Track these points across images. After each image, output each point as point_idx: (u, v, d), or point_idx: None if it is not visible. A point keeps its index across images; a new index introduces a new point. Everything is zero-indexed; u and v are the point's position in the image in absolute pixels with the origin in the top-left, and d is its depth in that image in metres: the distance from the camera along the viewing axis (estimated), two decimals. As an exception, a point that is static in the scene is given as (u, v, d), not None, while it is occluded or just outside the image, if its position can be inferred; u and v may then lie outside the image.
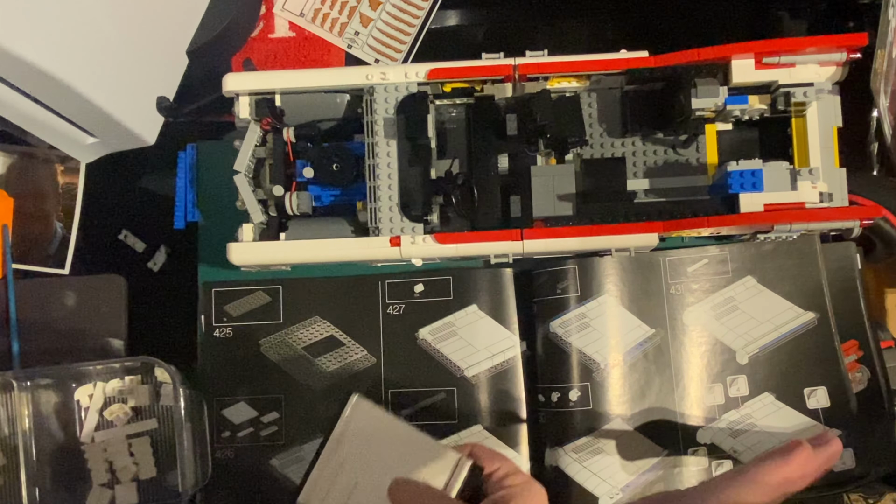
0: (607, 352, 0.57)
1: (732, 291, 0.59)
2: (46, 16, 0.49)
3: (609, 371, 0.57)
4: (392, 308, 0.60)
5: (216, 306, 0.61)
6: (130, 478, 0.59)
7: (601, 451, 0.56)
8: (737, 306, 0.58)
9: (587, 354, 0.57)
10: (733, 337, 0.58)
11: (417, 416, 0.58)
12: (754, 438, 0.57)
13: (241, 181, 0.56)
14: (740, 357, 0.58)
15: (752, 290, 0.58)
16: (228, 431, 0.59)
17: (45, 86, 0.51)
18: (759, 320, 0.58)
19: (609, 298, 0.58)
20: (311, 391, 0.60)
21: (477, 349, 0.59)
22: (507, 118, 0.55)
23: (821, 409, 0.57)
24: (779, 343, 0.58)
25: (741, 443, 0.57)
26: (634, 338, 0.58)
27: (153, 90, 0.61)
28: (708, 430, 0.57)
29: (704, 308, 0.58)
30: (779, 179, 0.52)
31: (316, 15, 0.67)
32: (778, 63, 0.53)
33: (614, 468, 0.56)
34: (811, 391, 0.57)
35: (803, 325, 0.58)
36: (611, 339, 0.58)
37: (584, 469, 0.56)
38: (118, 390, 0.60)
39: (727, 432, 0.57)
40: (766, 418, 0.57)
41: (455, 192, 0.54)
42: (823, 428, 0.56)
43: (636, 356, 0.58)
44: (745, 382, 0.57)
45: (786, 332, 0.58)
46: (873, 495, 0.57)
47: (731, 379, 0.58)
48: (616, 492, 0.56)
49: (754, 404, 0.57)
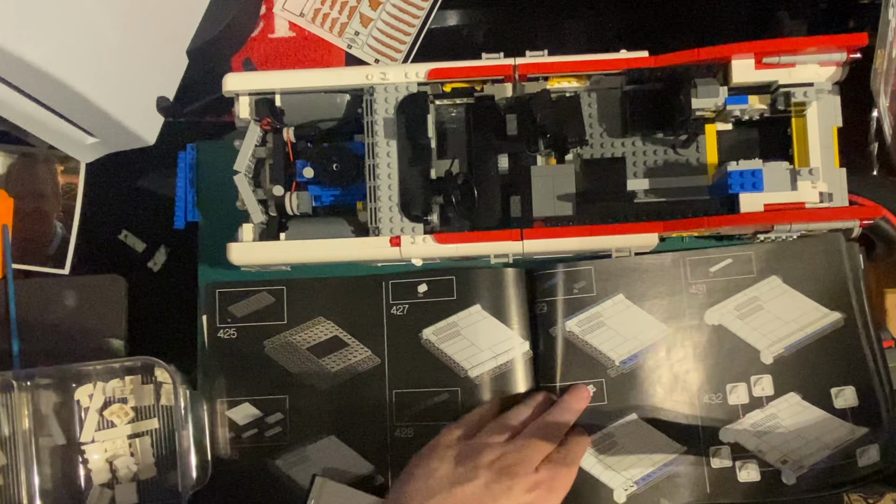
0: (623, 350, 0.58)
1: (757, 291, 0.58)
2: (46, 16, 0.49)
3: (625, 368, 0.57)
4: (396, 308, 0.60)
5: (220, 307, 0.61)
6: (130, 478, 0.60)
7: (616, 444, 0.57)
8: (761, 306, 0.58)
9: (603, 352, 0.58)
10: (757, 336, 0.58)
11: (421, 416, 0.58)
12: (780, 438, 0.56)
13: (241, 181, 0.56)
14: (765, 357, 0.58)
15: (776, 290, 0.58)
16: (233, 432, 0.59)
17: (45, 86, 0.51)
18: (784, 320, 0.58)
19: (625, 298, 0.58)
20: (315, 392, 0.60)
21: (480, 349, 0.59)
22: (507, 118, 0.55)
23: (849, 408, 0.56)
24: (804, 343, 0.57)
25: (766, 442, 0.56)
26: (651, 336, 0.58)
27: (153, 90, 0.61)
28: (731, 429, 0.57)
29: (728, 308, 0.58)
30: (779, 179, 0.52)
31: (316, 15, 0.67)
32: (778, 63, 0.53)
33: (629, 461, 0.57)
34: (839, 391, 0.57)
35: (830, 325, 0.57)
36: (627, 338, 0.58)
37: (599, 462, 0.57)
38: (118, 390, 0.60)
39: (751, 432, 0.57)
40: (792, 418, 0.57)
41: (455, 192, 0.54)
42: (851, 427, 0.56)
43: (653, 354, 0.58)
44: (769, 382, 0.57)
45: (811, 332, 0.58)
46: (873, 495, 0.57)
47: (755, 378, 0.57)
48: (630, 484, 0.56)
49: (780, 404, 0.57)
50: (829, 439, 0.56)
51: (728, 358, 0.58)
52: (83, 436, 0.60)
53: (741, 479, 0.56)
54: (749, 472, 0.56)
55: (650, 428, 0.57)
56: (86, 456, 0.60)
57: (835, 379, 0.57)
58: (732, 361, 0.58)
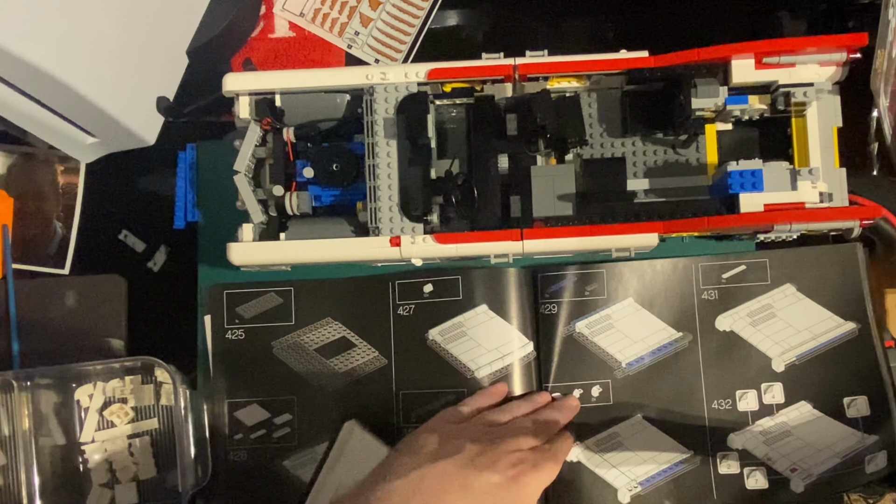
0: (631, 352, 0.58)
1: (770, 298, 0.58)
2: (47, 16, 0.49)
3: (630, 370, 0.58)
4: (402, 309, 0.60)
5: (228, 308, 0.61)
6: (130, 478, 0.59)
7: (621, 444, 0.57)
8: (774, 314, 0.58)
9: (611, 354, 0.58)
10: (769, 344, 0.58)
11: (428, 417, 0.58)
12: (790, 446, 0.56)
13: (241, 181, 0.56)
14: (776, 364, 0.58)
15: (791, 298, 0.58)
16: (241, 433, 0.59)
17: (45, 86, 0.51)
18: (797, 328, 0.58)
19: (635, 302, 0.58)
20: (323, 392, 0.60)
21: (486, 350, 0.59)
22: (507, 118, 0.55)
23: (861, 417, 0.56)
24: (818, 352, 0.57)
25: (776, 450, 0.56)
26: (659, 340, 0.58)
27: (153, 90, 0.61)
28: (740, 435, 0.57)
29: (740, 314, 0.58)
30: (779, 179, 0.52)
31: (316, 15, 0.67)
32: (778, 63, 0.53)
33: (634, 461, 0.57)
34: (851, 401, 0.57)
35: (844, 335, 0.57)
36: (635, 341, 0.58)
37: (604, 461, 0.57)
38: (118, 390, 0.60)
39: (761, 439, 0.57)
40: (802, 427, 0.56)
41: (455, 192, 0.54)
42: (862, 435, 0.56)
43: (661, 357, 0.58)
44: (780, 390, 0.57)
45: (825, 341, 0.57)
46: (873, 495, 0.57)
47: (765, 386, 0.57)
48: (635, 484, 0.56)
49: (790, 412, 0.57)
50: (839, 448, 0.56)
51: (738, 364, 0.58)
52: (83, 436, 0.60)
53: (749, 486, 0.56)
54: (757, 479, 0.56)
55: (655, 430, 0.57)
56: (86, 456, 0.60)
57: (848, 388, 0.57)
58: (743, 368, 0.58)
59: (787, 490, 0.56)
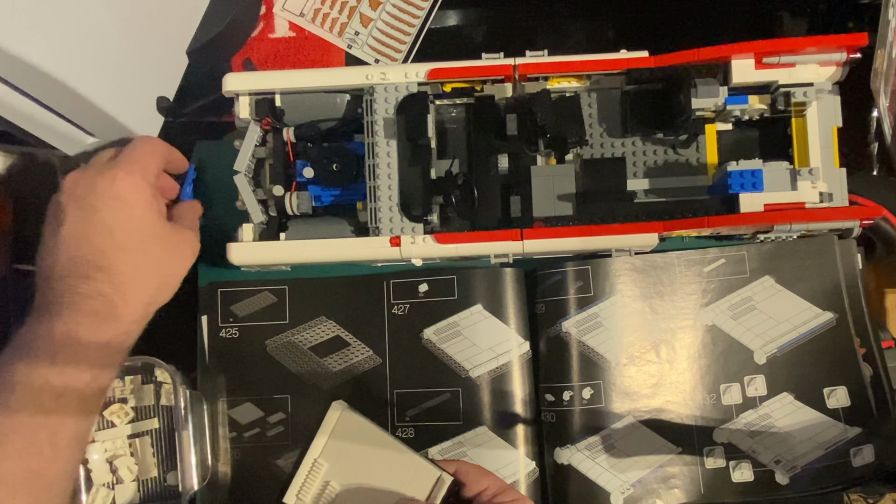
0: (620, 350, 0.58)
1: (750, 291, 0.58)
2: (46, 16, 0.49)
3: (621, 369, 0.57)
4: (397, 308, 0.60)
5: (222, 306, 0.61)
6: (130, 478, 0.59)
7: (613, 447, 0.57)
8: (754, 306, 0.58)
9: (600, 353, 0.58)
10: (751, 337, 0.58)
11: (422, 417, 0.58)
12: (774, 438, 0.56)
13: (241, 181, 0.56)
14: (758, 357, 0.58)
15: (770, 290, 0.58)
16: (235, 432, 0.59)
17: (45, 86, 0.51)
18: (777, 320, 0.58)
19: (622, 298, 0.58)
20: (317, 391, 0.60)
21: (481, 349, 0.59)
22: (507, 118, 0.55)
23: (841, 408, 0.57)
24: (797, 343, 0.58)
25: (760, 443, 0.57)
26: (647, 337, 0.58)
27: (153, 90, 0.61)
28: (725, 429, 0.57)
29: (721, 308, 0.58)
30: (779, 179, 0.52)
31: (316, 15, 0.67)
32: (778, 63, 0.53)
33: (626, 464, 0.57)
34: (831, 391, 0.57)
35: (822, 325, 0.58)
36: (623, 339, 0.58)
37: (596, 465, 0.57)
38: (118, 390, 0.60)
39: (745, 432, 0.57)
40: (785, 418, 0.57)
41: (455, 192, 0.54)
42: (843, 427, 0.56)
43: (649, 355, 0.58)
44: (762, 382, 0.57)
45: (804, 332, 0.58)
46: (873, 495, 0.57)
47: (748, 379, 0.58)
48: (627, 487, 0.56)
49: (773, 404, 0.57)
50: (821, 439, 0.56)
51: (722, 358, 0.58)
52: (83, 436, 0.60)
53: (735, 480, 0.56)
54: (743, 472, 0.56)
55: (647, 430, 0.57)
56: (86, 456, 0.60)
57: (827, 379, 0.57)
58: (726, 361, 0.58)
59: (772, 482, 0.56)
